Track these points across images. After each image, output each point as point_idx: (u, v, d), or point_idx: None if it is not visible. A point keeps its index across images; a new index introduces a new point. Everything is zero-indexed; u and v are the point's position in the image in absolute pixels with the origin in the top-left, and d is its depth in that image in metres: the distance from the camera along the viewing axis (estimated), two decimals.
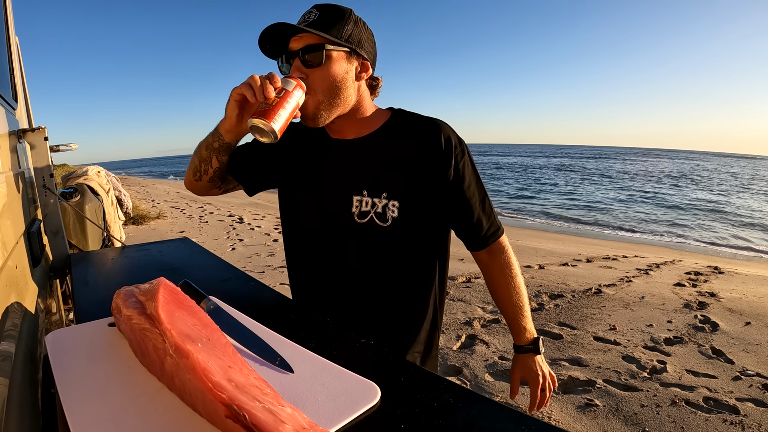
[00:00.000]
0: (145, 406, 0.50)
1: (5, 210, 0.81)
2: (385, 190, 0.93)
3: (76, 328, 0.71)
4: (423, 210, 0.94)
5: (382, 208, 0.92)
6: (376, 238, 0.94)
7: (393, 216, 0.92)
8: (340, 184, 0.97)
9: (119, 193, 5.21)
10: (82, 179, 3.54)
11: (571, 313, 3.38)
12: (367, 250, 0.96)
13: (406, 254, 0.97)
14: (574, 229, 9.98)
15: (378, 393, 0.54)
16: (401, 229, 0.93)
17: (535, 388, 1.05)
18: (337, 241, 0.98)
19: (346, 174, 0.97)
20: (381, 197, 0.92)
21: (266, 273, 4.60)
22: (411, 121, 0.97)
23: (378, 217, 0.93)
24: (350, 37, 0.88)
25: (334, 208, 0.96)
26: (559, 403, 2.22)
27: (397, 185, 0.92)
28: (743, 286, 4.24)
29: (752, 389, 2.31)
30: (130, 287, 0.69)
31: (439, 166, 0.92)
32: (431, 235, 0.99)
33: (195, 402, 0.47)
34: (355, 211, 0.94)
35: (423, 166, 0.92)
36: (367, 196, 0.93)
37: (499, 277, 1.03)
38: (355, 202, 0.94)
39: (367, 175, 0.95)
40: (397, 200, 0.92)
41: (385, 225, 0.93)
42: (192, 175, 1.05)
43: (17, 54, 1.64)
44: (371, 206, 0.93)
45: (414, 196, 0.93)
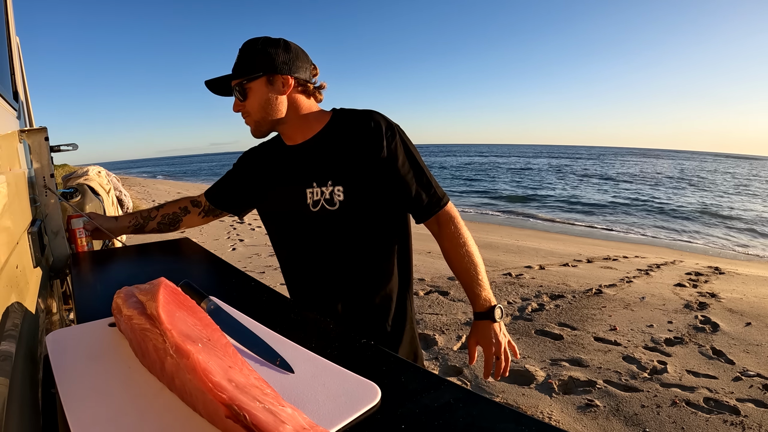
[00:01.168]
0: (146, 406, 0.50)
1: (6, 210, 0.81)
2: (330, 178, 1.07)
3: (76, 328, 0.71)
4: (366, 191, 1.07)
5: (329, 194, 1.07)
6: (329, 221, 1.08)
7: (339, 200, 1.06)
8: (295, 181, 1.12)
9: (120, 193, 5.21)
10: (82, 179, 3.54)
11: (572, 314, 3.38)
12: (324, 234, 1.10)
13: (359, 231, 1.10)
14: (575, 230, 9.98)
15: (378, 393, 0.54)
16: (349, 210, 1.07)
17: (488, 355, 1.11)
18: (300, 231, 1.13)
19: (299, 172, 1.12)
20: (327, 185, 1.07)
21: (266, 273, 4.60)
22: (347, 116, 1.12)
23: (327, 203, 1.07)
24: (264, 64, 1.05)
25: (293, 203, 1.12)
26: (560, 404, 2.22)
27: (340, 172, 1.06)
28: (744, 287, 4.24)
29: (753, 390, 2.31)
30: (131, 287, 0.69)
31: (373, 148, 1.05)
32: (380, 212, 1.10)
33: (195, 402, 0.47)
34: (309, 202, 1.09)
35: (359, 152, 1.05)
36: (316, 186, 1.08)
37: (450, 247, 1.12)
38: (308, 194, 1.09)
39: (315, 169, 1.09)
40: (342, 185, 1.06)
41: (333, 209, 1.07)
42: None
43: (18, 54, 1.64)
44: (320, 195, 1.08)
45: (355, 179, 1.06)
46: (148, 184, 20.80)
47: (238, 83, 1.07)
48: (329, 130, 1.12)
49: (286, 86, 1.08)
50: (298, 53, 1.10)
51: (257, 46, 1.06)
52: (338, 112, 1.15)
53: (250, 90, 1.07)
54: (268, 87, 1.07)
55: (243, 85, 1.07)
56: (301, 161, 1.12)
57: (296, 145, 1.14)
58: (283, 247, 1.23)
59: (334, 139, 1.10)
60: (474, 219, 11.36)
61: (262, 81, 1.06)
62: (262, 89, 1.07)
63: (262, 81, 1.06)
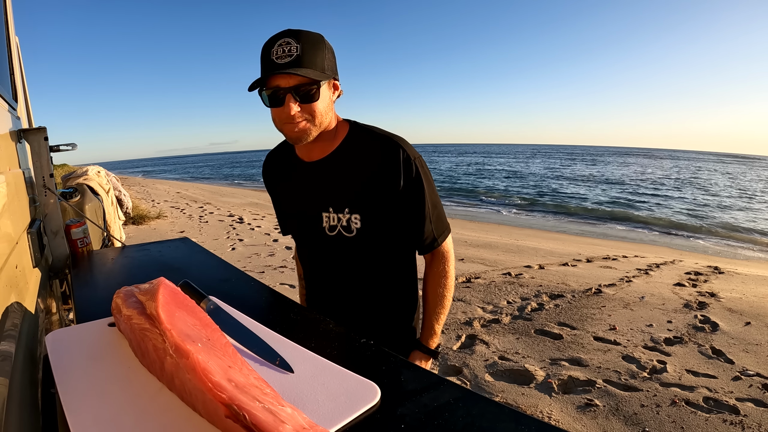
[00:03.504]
0: (145, 406, 0.50)
1: (5, 210, 0.81)
2: (347, 205, 1.05)
3: (76, 328, 0.71)
4: (382, 220, 1.05)
5: (346, 222, 1.05)
6: (345, 247, 1.07)
7: (357, 227, 1.05)
8: (310, 203, 1.10)
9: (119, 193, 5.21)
10: (82, 179, 3.54)
11: (571, 313, 3.38)
12: (340, 258, 1.10)
13: (374, 256, 1.10)
14: (575, 229, 9.98)
15: (378, 393, 0.54)
16: (366, 237, 1.05)
17: None
18: (317, 251, 1.15)
19: (315, 194, 1.09)
20: (344, 212, 1.05)
21: (266, 273, 4.60)
22: (366, 136, 1.07)
23: (344, 230, 1.06)
24: (332, 65, 0.98)
25: (309, 225, 1.11)
26: (559, 403, 2.22)
27: (358, 200, 1.04)
28: (743, 286, 4.24)
29: (752, 389, 2.31)
30: (130, 287, 0.69)
31: (391, 179, 1.01)
32: (394, 239, 1.10)
33: (195, 402, 0.47)
34: (325, 226, 1.08)
35: (377, 180, 1.02)
36: (333, 212, 1.06)
37: (432, 282, 1.14)
38: (324, 218, 1.08)
39: (331, 193, 1.07)
40: (359, 213, 1.04)
41: (350, 236, 1.06)
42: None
43: (17, 54, 1.64)
44: (337, 221, 1.06)
45: (373, 208, 1.04)
46: (147, 184, 20.79)
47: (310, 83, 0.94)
48: (346, 147, 1.07)
49: (335, 91, 1.03)
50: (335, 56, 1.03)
51: (323, 42, 0.96)
52: (355, 128, 1.09)
53: (320, 93, 0.96)
54: (328, 92, 1.00)
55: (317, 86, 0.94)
56: (317, 182, 1.09)
57: (312, 163, 1.10)
58: (304, 257, 1.24)
59: (352, 160, 1.05)
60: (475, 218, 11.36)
61: (329, 84, 0.99)
62: (327, 93, 0.99)
63: (329, 84, 0.99)
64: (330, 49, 0.98)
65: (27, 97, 1.94)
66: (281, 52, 0.92)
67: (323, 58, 0.95)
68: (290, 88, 0.93)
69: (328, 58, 0.97)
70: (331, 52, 0.99)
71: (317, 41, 0.95)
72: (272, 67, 0.92)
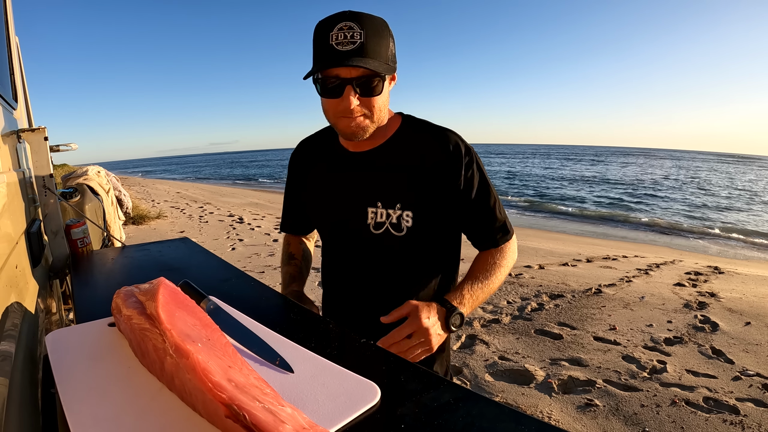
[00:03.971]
0: (145, 406, 0.50)
1: (5, 210, 0.81)
2: (398, 201, 0.95)
3: (76, 328, 0.71)
4: (436, 218, 0.96)
5: (396, 219, 0.95)
6: (393, 247, 0.97)
7: (407, 225, 0.95)
8: (354, 197, 0.99)
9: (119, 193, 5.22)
10: (82, 179, 3.54)
11: (571, 313, 3.38)
12: (383, 259, 1.00)
13: (421, 260, 1.01)
14: (575, 229, 9.98)
15: (378, 393, 0.54)
16: (416, 237, 0.96)
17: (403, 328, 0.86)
18: (356, 251, 1.03)
19: (360, 186, 0.99)
20: (395, 208, 0.95)
21: (266, 273, 4.60)
22: (421, 130, 0.98)
23: (393, 228, 0.96)
24: (392, 56, 0.88)
25: (350, 221, 1.00)
26: (559, 403, 2.22)
27: (411, 196, 0.95)
28: (743, 286, 4.24)
29: (752, 389, 2.31)
30: (130, 287, 0.69)
31: (450, 175, 0.94)
32: (444, 240, 1.02)
33: (195, 402, 0.47)
34: (370, 223, 0.97)
35: (434, 176, 0.94)
36: (381, 207, 0.96)
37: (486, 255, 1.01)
38: (370, 213, 0.97)
39: (381, 186, 0.97)
40: (411, 210, 0.95)
41: (400, 235, 0.96)
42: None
43: (17, 54, 1.64)
44: (386, 217, 0.96)
45: (427, 205, 0.95)
46: (147, 184, 20.79)
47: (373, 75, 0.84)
48: (399, 140, 0.99)
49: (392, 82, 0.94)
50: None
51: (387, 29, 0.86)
52: (408, 120, 1.01)
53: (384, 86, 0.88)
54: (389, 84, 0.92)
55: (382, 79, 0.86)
56: (366, 174, 0.99)
57: (361, 153, 1.00)
58: (332, 258, 1.11)
59: (405, 153, 0.97)
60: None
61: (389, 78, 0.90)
62: (388, 86, 0.91)
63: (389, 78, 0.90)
64: (392, 37, 0.89)
65: (27, 97, 1.94)
66: (342, 37, 0.82)
67: (387, 48, 0.86)
68: (351, 80, 0.84)
69: (392, 46, 0.88)
70: (393, 38, 0.89)
71: (381, 28, 0.85)
72: (333, 54, 0.82)
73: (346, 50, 0.81)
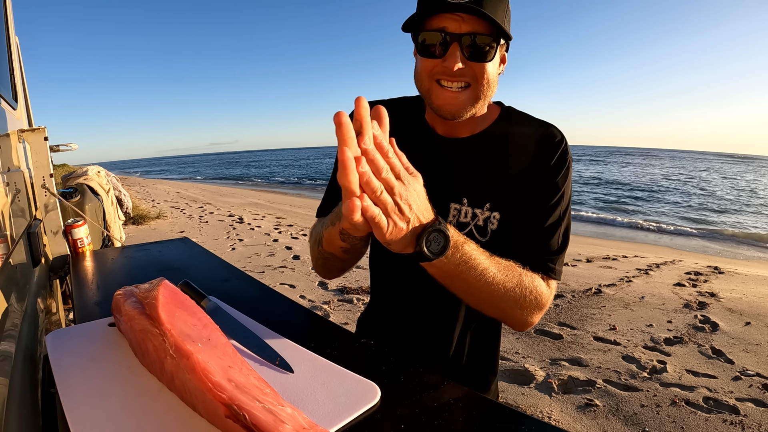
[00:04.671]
0: (145, 406, 0.50)
1: (5, 210, 0.81)
2: (489, 200, 0.82)
3: (76, 328, 0.71)
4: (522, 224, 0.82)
5: (483, 221, 0.82)
6: None
7: (492, 229, 0.82)
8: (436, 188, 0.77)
9: (119, 193, 5.21)
10: (82, 179, 3.54)
11: (571, 313, 3.38)
12: None
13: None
14: (574, 230, 9.98)
15: (378, 393, 0.54)
16: (500, 243, 0.81)
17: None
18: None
19: (445, 177, 0.84)
20: (484, 208, 0.82)
21: (266, 273, 4.60)
22: (524, 123, 0.86)
23: (478, 231, 0.82)
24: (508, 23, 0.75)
25: None
26: (559, 403, 2.22)
27: (502, 195, 0.82)
28: (743, 286, 4.24)
29: (752, 389, 2.31)
30: (130, 287, 0.69)
31: (549, 174, 0.80)
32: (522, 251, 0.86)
33: (195, 402, 0.47)
34: (451, 221, 0.83)
35: (532, 176, 0.80)
36: (467, 205, 0.83)
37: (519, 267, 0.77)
38: (452, 210, 0.83)
39: (470, 180, 0.83)
40: (500, 211, 0.82)
41: (484, 239, 0.82)
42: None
43: (17, 54, 1.64)
44: (471, 217, 0.82)
45: (516, 208, 0.81)
46: (147, 183, 20.79)
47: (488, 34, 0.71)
48: (498, 130, 0.85)
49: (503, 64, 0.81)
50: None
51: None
52: (508, 111, 0.88)
53: (496, 54, 0.74)
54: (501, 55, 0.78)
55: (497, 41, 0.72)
56: (452, 163, 0.85)
57: (452, 140, 0.85)
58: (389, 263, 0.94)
59: (503, 147, 0.83)
60: None
61: (502, 48, 0.77)
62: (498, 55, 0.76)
63: (502, 48, 0.77)
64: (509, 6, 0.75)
65: (27, 97, 1.94)
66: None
67: (505, 9, 0.72)
68: (459, 36, 0.70)
69: (509, 15, 0.74)
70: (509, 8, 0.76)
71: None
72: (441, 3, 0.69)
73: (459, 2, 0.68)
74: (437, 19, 0.71)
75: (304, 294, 3.83)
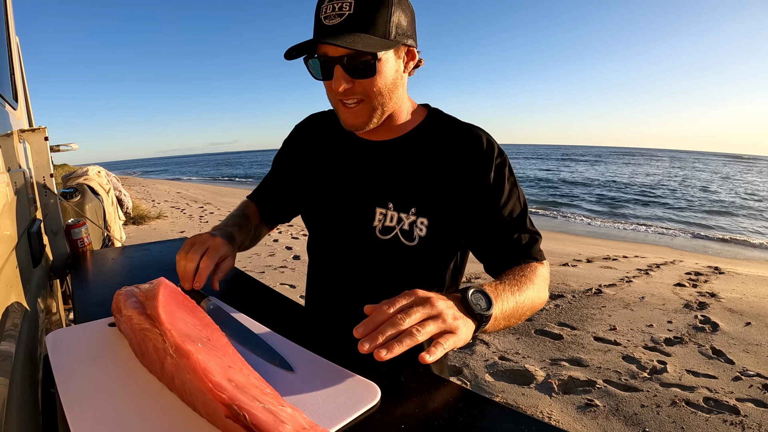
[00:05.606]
0: (146, 406, 0.50)
1: (5, 210, 0.81)
2: (414, 204, 0.82)
3: (77, 328, 0.71)
4: (453, 229, 0.83)
5: (408, 226, 0.82)
6: (399, 257, 0.84)
7: (420, 235, 0.82)
8: (362, 192, 0.86)
9: (119, 193, 5.22)
10: (82, 179, 3.54)
11: (572, 314, 3.38)
12: (388, 269, 0.86)
13: (428, 274, 0.87)
14: (577, 229, 9.98)
15: (378, 393, 0.54)
16: (428, 250, 0.83)
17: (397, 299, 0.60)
18: (354, 254, 0.89)
19: (371, 182, 0.86)
20: (409, 213, 0.82)
21: (266, 273, 4.60)
22: (449, 126, 0.87)
23: (403, 235, 0.82)
24: (397, 28, 0.75)
25: (353, 220, 0.87)
26: (559, 403, 2.22)
27: (429, 200, 0.82)
28: (743, 287, 4.24)
29: (752, 389, 2.31)
30: (130, 287, 0.69)
31: (478, 177, 0.81)
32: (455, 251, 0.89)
33: (195, 402, 0.47)
34: (377, 225, 0.84)
35: (459, 180, 0.82)
36: (392, 209, 0.83)
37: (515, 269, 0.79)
38: (378, 214, 0.84)
39: (395, 185, 0.84)
40: (427, 217, 0.82)
41: (411, 244, 0.82)
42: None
43: (17, 54, 1.64)
44: (397, 221, 0.83)
45: (445, 213, 0.82)
46: (147, 184, 20.80)
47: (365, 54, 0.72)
48: (421, 134, 0.86)
49: (411, 62, 0.81)
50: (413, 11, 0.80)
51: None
52: (434, 114, 0.90)
53: (380, 64, 0.75)
54: (395, 62, 0.78)
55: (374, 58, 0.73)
56: (376, 167, 0.86)
57: (374, 143, 0.88)
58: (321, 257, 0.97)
59: (427, 151, 0.84)
60: None
61: (392, 54, 0.77)
62: (392, 64, 0.77)
63: (392, 54, 0.77)
64: (401, 5, 0.76)
65: (27, 97, 1.94)
66: (330, 9, 0.72)
67: (387, 18, 0.73)
68: (339, 59, 0.73)
69: (397, 17, 0.74)
70: (403, 8, 0.76)
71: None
72: (319, 30, 0.73)
73: (332, 24, 0.71)
74: (321, 46, 0.74)
75: (304, 294, 3.84)
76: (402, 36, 0.77)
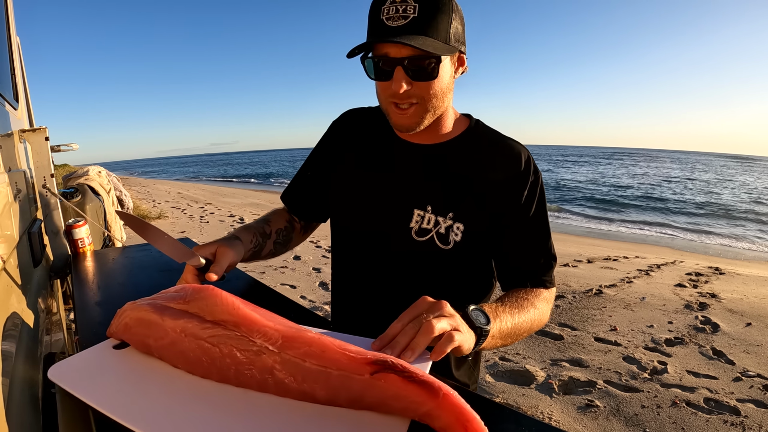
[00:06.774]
0: (236, 411, 0.48)
1: (6, 210, 0.81)
2: (452, 209, 0.84)
3: (79, 358, 0.60)
4: (486, 237, 0.85)
5: (445, 230, 0.83)
6: (434, 260, 0.85)
7: (456, 239, 0.83)
8: (401, 192, 0.87)
9: (120, 193, 5.21)
10: (82, 179, 3.54)
11: (572, 314, 3.37)
12: (420, 271, 0.87)
13: (461, 280, 0.88)
14: (577, 229, 9.98)
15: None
16: (461, 253, 0.84)
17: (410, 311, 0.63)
18: (387, 255, 0.89)
19: (411, 183, 0.87)
20: (446, 217, 0.84)
21: (267, 273, 4.60)
22: (491, 138, 0.89)
23: (440, 239, 0.84)
24: (455, 34, 0.77)
25: (389, 218, 0.87)
26: (560, 404, 2.21)
27: (466, 206, 0.84)
28: (744, 287, 4.23)
29: (753, 390, 2.30)
30: (141, 302, 0.62)
31: (514, 190, 0.84)
32: (489, 263, 0.91)
33: (314, 385, 0.48)
34: (414, 227, 0.85)
35: (498, 188, 0.84)
36: (430, 212, 0.84)
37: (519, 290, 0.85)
38: (415, 216, 0.85)
39: (435, 188, 0.85)
40: (463, 223, 0.83)
41: (446, 248, 0.84)
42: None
43: (18, 54, 1.64)
44: (434, 224, 0.84)
45: (481, 221, 0.84)
46: (148, 184, 20.80)
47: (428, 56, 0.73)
48: (464, 142, 0.88)
49: (461, 68, 0.83)
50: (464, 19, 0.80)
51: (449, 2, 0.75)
52: (478, 124, 0.91)
53: (441, 69, 0.76)
54: (451, 68, 0.80)
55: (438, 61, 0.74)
56: (418, 169, 0.87)
57: (418, 145, 0.88)
58: (350, 262, 0.96)
59: (468, 160, 0.86)
60: None
61: (452, 58, 0.79)
62: (449, 70, 0.79)
63: (453, 58, 0.79)
64: (458, 12, 0.77)
65: (28, 97, 1.94)
66: (394, 11, 0.72)
67: (448, 24, 0.74)
68: (402, 60, 0.74)
69: (455, 24, 0.76)
70: (460, 15, 0.78)
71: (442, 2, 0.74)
72: (381, 30, 0.73)
73: (396, 26, 0.72)
74: (380, 46, 0.75)
75: (304, 294, 3.83)
76: (458, 42, 0.78)
